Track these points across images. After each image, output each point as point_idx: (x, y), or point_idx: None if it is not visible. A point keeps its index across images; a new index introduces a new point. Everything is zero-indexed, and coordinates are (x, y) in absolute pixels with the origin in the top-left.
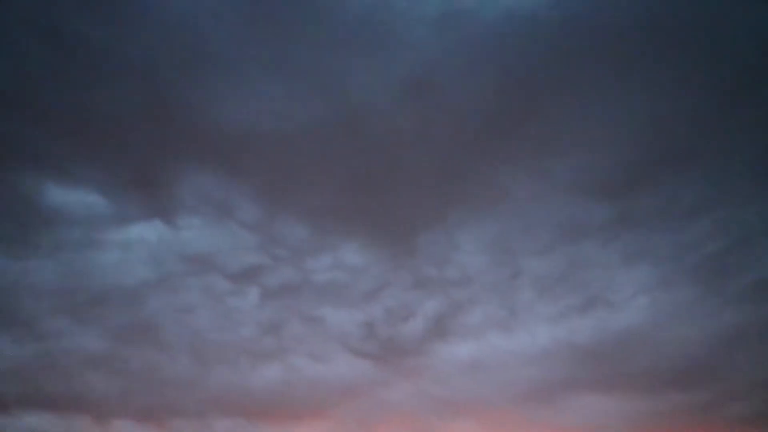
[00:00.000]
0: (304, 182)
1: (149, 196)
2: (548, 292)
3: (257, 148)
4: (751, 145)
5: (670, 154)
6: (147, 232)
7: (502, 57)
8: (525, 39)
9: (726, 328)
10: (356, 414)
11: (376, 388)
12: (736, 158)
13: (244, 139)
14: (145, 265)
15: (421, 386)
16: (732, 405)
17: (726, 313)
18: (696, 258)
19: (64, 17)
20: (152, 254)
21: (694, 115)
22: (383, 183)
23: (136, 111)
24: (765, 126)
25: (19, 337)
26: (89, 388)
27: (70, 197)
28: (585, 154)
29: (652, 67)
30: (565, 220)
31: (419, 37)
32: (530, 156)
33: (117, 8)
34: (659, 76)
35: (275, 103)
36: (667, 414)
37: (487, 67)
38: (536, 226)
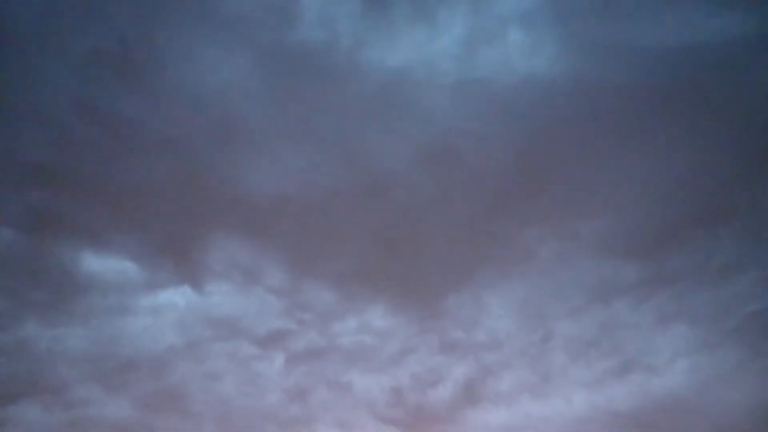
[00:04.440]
0: (329, 247)
1: (179, 263)
2: (582, 355)
3: (284, 215)
4: None
5: (701, 211)
6: (176, 297)
7: (519, 121)
8: (541, 104)
9: None
10: None
11: None
12: None
13: (271, 207)
14: (174, 331)
15: None
16: None
17: None
18: (737, 318)
19: (101, 93)
20: (180, 320)
21: (724, 171)
22: (408, 246)
23: (169, 182)
24: None
25: (49, 405)
26: None
27: (105, 265)
28: (611, 214)
29: (675, 124)
30: (594, 280)
31: (437, 105)
32: (555, 217)
33: (152, 85)
34: (684, 133)
35: (301, 171)
36: None
37: (505, 132)
38: (565, 288)
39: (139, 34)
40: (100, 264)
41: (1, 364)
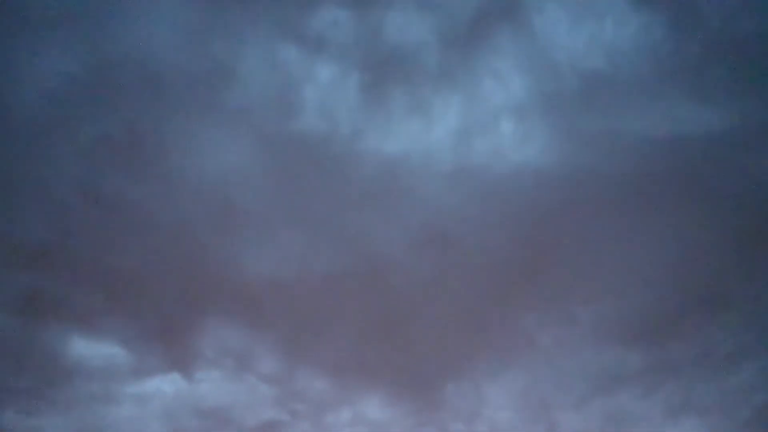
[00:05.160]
0: (324, 333)
1: (170, 348)
2: None
3: (279, 300)
4: None
5: (700, 297)
6: (164, 385)
7: (514, 208)
8: (535, 190)
9: None
10: None
11: None
12: None
13: (267, 292)
14: (159, 422)
15: None
16: None
17: None
18: (747, 410)
19: (105, 178)
20: (167, 409)
21: (720, 258)
22: (405, 333)
23: (165, 266)
24: None
25: None
26: None
27: (93, 349)
28: (609, 300)
29: (668, 211)
30: (598, 369)
31: (433, 192)
32: (554, 303)
33: (156, 172)
34: (678, 220)
35: (297, 256)
36: None
37: (500, 218)
38: (568, 377)
39: (147, 123)
40: (89, 349)
41: None
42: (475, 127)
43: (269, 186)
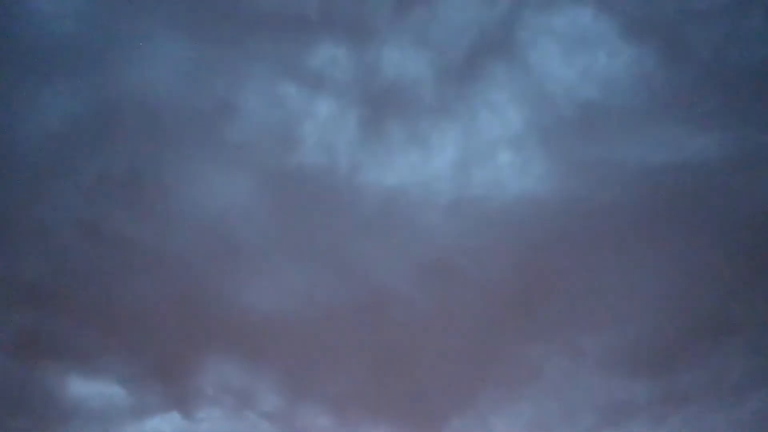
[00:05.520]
0: (326, 368)
1: (170, 387)
2: None
3: (279, 334)
4: None
5: (708, 325)
6: (163, 425)
7: (514, 237)
8: (534, 220)
9: None
10: None
11: None
12: None
13: (268, 327)
14: None
15: None
16: None
17: None
18: None
19: (106, 215)
20: None
21: (727, 284)
22: (408, 366)
23: (165, 303)
24: None
25: None
26: None
27: (92, 389)
28: (616, 330)
29: (671, 238)
30: (604, 400)
31: (433, 223)
32: (559, 333)
33: (157, 208)
34: (681, 248)
35: (297, 288)
36: None
37: (500, 248)
38: (575, 408)
39: (147, 160)
40: (87, 388)
41: None
42: (473, 159)
43: (269, 221)
